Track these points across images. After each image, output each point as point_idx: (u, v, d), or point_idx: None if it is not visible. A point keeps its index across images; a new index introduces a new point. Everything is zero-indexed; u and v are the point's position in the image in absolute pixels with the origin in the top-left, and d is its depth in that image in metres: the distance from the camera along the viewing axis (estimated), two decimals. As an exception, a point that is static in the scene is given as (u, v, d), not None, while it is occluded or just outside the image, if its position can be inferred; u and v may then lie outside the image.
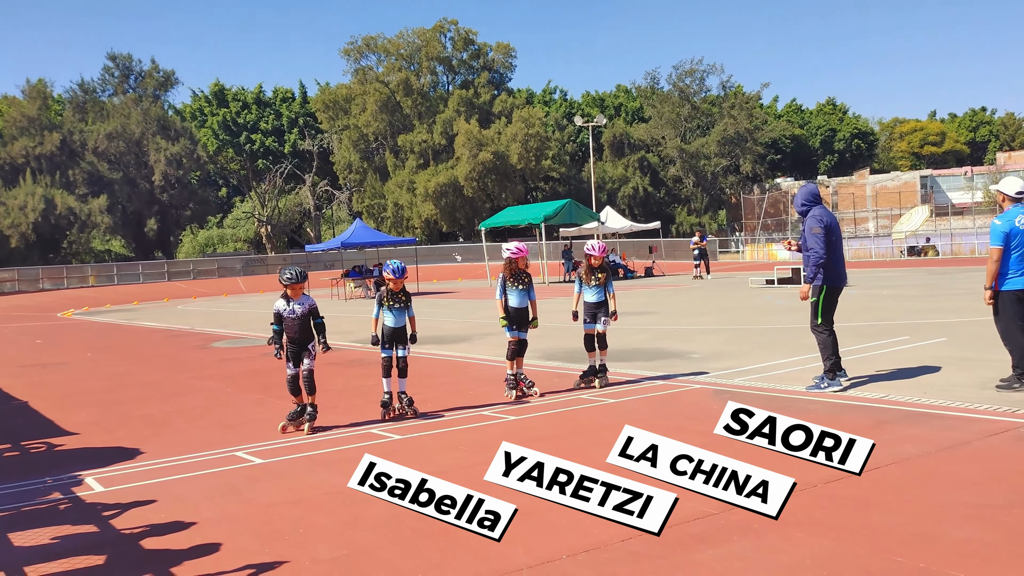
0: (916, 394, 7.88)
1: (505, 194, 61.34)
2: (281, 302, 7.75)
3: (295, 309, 7.70)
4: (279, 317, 7.74)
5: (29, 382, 12.82)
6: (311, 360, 7.81)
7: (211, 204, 74.08)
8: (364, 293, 35.21)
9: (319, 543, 4.71)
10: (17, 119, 61.88)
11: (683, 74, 69.46)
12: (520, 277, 8.86)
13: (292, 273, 7.76)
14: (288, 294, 7.73)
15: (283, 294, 7.78)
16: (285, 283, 7.72)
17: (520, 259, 8.88)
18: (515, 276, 8.86)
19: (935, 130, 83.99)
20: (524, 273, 8.92)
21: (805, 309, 8.86)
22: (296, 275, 7.76)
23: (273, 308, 7.81)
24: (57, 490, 6.21)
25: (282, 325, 7.74)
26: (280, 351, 7.78)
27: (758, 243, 61.56)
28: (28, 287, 50.96)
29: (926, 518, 4.58)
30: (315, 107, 69.84)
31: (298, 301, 7.73)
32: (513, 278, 8.86)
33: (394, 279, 8.11)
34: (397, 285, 8.16)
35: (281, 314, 7.72)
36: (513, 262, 8.86)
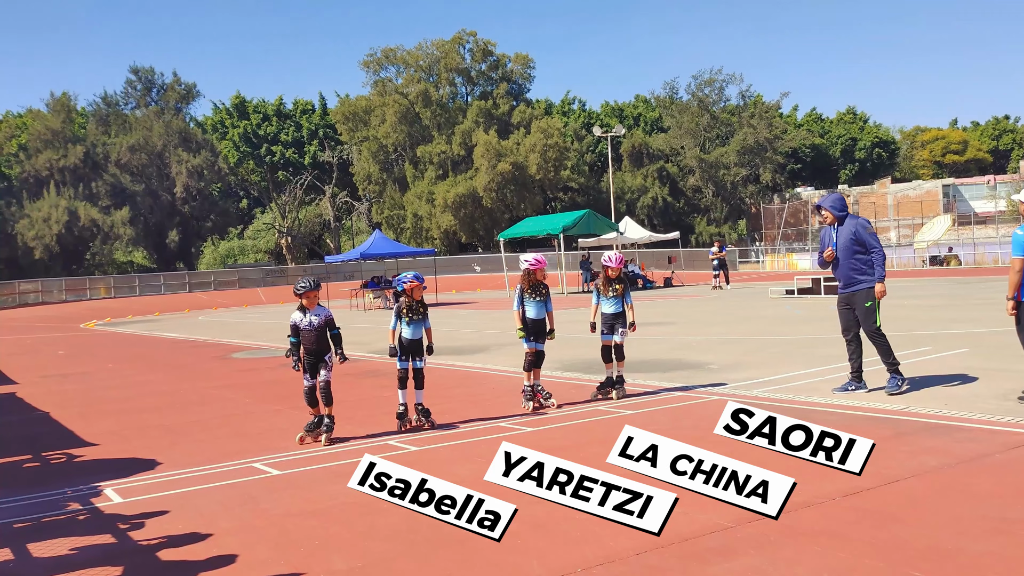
0: (937, 405, 7.80)
1: (524, 204, 61.39)
2: (297, 314, 7.76)
3: (312, 321, 7.70)
4: (296, 329, 7.75)
5: (50, 392, 12.93)
6: (328, 371, 7.81)
7: (232, 215, 74.60)
8: (383, 304, 35.31)
9: (334, 554, 4.72)
10: (42, 132, 62.63)
11: (702, 84, 69.35)
12: (538, 288, 8.85)
13: (306, 282, 7.78)
14: (303, 304, 7.73)
15: (299, 305, 7.79)
16: (299, 292, 7.73)
17: (538, 271, 8.87)
18: (533, 288, 8.85)
19: (957, 138, 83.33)
20: (542, 284, 8.91)
21: (824, 320, 8.82)
22: (310, 283, 7.78)
23: (290, 320, 7.82)
24: (76, 501, 6.25)
25: (299, 337, 7.75)
26: (298, 363, 7.78)
27: (778, 253, 61.26)
28: (51, 298, 51.48)
29: (945, 531, 4.53)
30: (335, 119, 70.23)
31: (314, 312, 7.73)
32: (531, 289, 8.84)
33: (416, 284, 8.11)
34: (418, 293, 8.14)
35: (298, 326, 7.73)
36: (531, 273, 8.84)
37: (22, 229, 57.73)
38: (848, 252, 8.69)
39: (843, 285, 8.86)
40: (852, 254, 8.67)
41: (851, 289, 8.78)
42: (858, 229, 8.67)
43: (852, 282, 8.74)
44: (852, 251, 8.66)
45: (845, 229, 8.74)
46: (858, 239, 8.64)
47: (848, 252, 8.69)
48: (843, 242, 8.73)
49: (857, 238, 8.65)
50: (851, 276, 8.73)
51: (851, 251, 8.67)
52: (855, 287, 8.73)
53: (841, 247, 8.75)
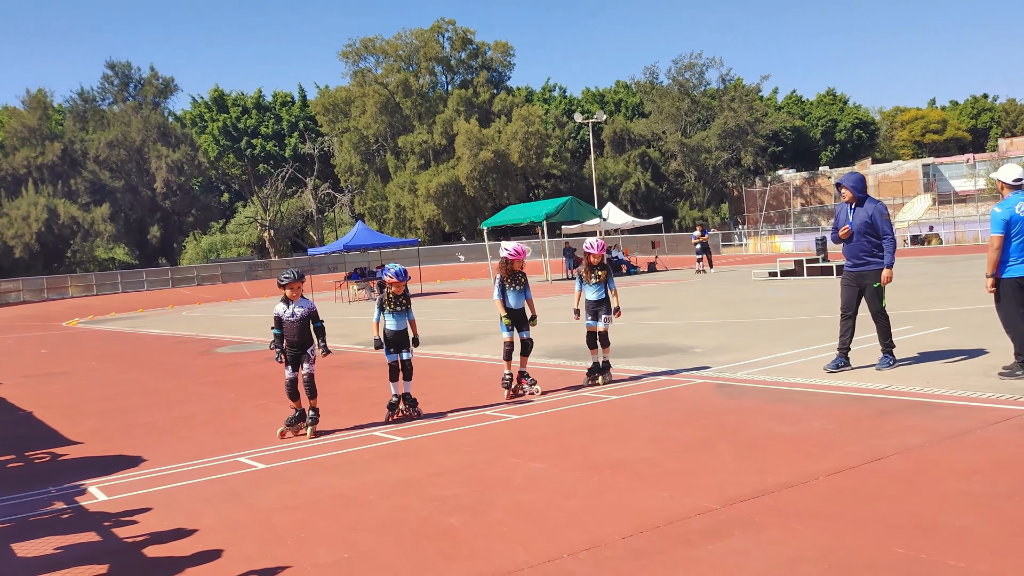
0: (919, 384, 7.86)
1: (507, 193, 61.31)
2: (281, 305, 7.74)
3: (295, 312, 7.68)
4: (279, 321, 7.73)
5: (34, 392, 12.84)
6: (311, 364, 7.80)
7: (213, 210, 74.13)
8: (367, 295, 35.22)
9: (320, 547, 4.71)
10: (18, 129, 62.00)
11: (682, 68, 69.34)
12: (517, 278, 8.84)
13: (290, 273, 7.77)
14: (287, 295, 7.71)
15: (283, 297, 7.76)
16: (283, 283, 7.71)
17: (516, 261, 8.83)
18: (512, 277, 8.83)
19: (936, 118, 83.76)
20: (520, 273, 8.90)
21: (807, 301, 8.88)
22: (294, 275, 7.77)
23: (273, 312, 7.80)
24: (60, 500, 6.22)
25: (282, 328, 7.73)
26: (282, 354, 7.75)
27: (761, 236, 61.51)
28: (33, 297, 51.07)
29: (927, 508, 4.57)
30: (315, 110, 69.84)
31: (298, 303, 7.71)
32: (511, 279, 8.83)
33: (396, 282, 8.07)
34: (399, 288, 8.12)
35: (281, 317, 7.71)
36: (509, 263, 8.82)
37: (1, 228, 57.20)
38: (862, 232, 8.85)
39: (852, 264, 9.00)
40: (865, 235, 8.83)
41: (860, 269, 8.93)
42: (875, 214, 8.83)
43: (863, 262, 8.89)
44: (865, 232, 8.83)
45: (863, 210, 8.89)
46: (873, 223, 8.80)
47: (862, 232, 8.85)
48: (858, 222, 8.88)
49: (872, 222, 8.81)
50: (862, 256, 8.89)
51: (864, 232, 8.84)
52: (865, 267, 8.89)
53: (856, 227, 8.89)
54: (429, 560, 4.40)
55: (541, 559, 4.25)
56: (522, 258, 8.88)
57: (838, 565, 3.90)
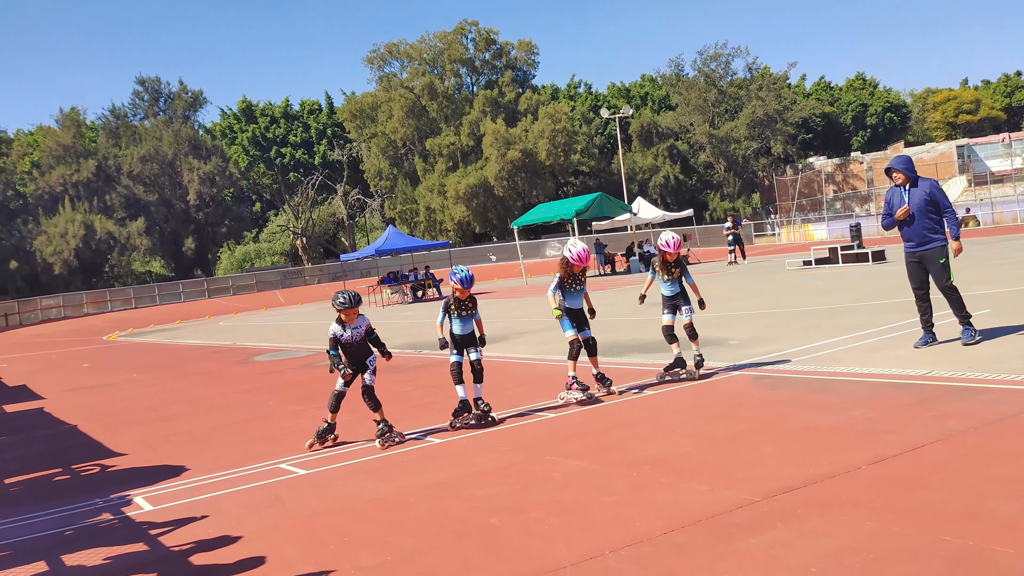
0: (960, 368, 7.74)
1: (536, 191, 61.30)
2: (337, 327, 7.41)
3: (353, 334, 7.42)
4: (336, 342, 7.43)
5: (77, 405, 13.06)
6: (371, 375, 7.51)
7: (246, 220, 74.98)
8: (401, 299, 35.40)
9: (362, 550, 4.75)
10: (53, 148, 63.15)
11: (708, 59, 68.90)
12: (578, 278, 8.52)
13: (345, 298, 7.41)
14: (343, 319, 7.41)
15: (338, 318, 7.45)
16: (339, 308, 7.38)
17: (577, 266, 8.44)
18: (572, 278, 8.50)
19: (969, 98, 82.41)
20: (582, 273, 8.56)
21: (843, 289, 8.79)
22: (349, 299, 7.40)
23: (329, 333, 7.44)
24: (107, 510, 6.32)
25: (338, 350, 7.46)
26: (348, 370, 7.41)
27: (794, 224, 60.93)
28: (73, 312, 51.93)
29: (972, 495, 4.50)
30: (342, 117, 70.28)
31: (353, 325, 7.43)
32: (571, 279, 8.50)
33: (461, 288, 7.87)
34: (464, 295, 7.92)
35: (339, 339, 7.43)
36: (571, 266, 8.45)
37: (40, 246, 58.28)
38: (922, 212, 8.92)
39: (915, 244, 9.07)
40: (926, 214, 8.91)
41: (924, 247, 8.99)
42: (933, 191, 8.93)
43: (926, 240, 8.97)
44: (926, 211, 8.90)
45: (919, 190, 8.96)
46: (932, 199, 8.88)
47: (922, 212, 8.92)
48: (917, 202, 8.94)
49: (932, 198, 8.89)
50: (924, 235, 8.96)
51: (925, 211, 8.91)
52: (928, 245, 8.96)
53: (915, 206, 8.94)
54: (471, 561, 4.41)
55: (583, 557, 4.25)
56: (584, 264, 8.48)
57: (883, 555, 3.86)
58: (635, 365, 10.14)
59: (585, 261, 8.44)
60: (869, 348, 9.50)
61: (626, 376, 9.38)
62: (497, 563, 4.33)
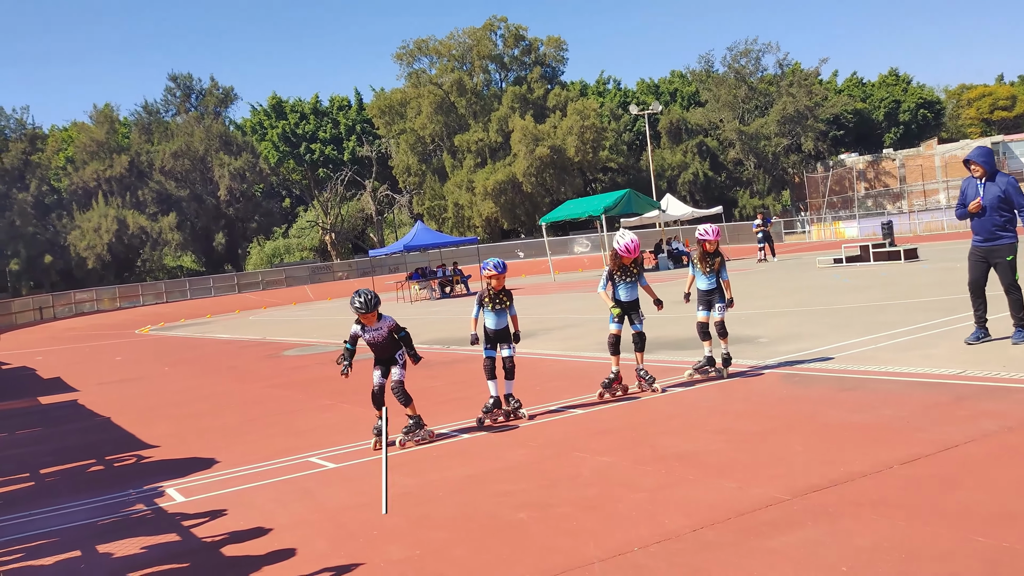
0: (995, 368, 7.64)
1: (564, 188, 61.22)
2: (357, 327, 7.21)
3: (374, 335, 7.22)
4: (355, 339, 7.28)
5: (110, 398, 13.23)
6: (401, 369, 7.30)
7: (276, 215, 75.53)
8: (429, 295, 35.49)
9: (391, 544, 4.77)
10: (87, 144, 64.02)
11: (738, 55, 68.38)
12: (628, 270, 8.32)
13: (360, 302, 7.05)
14: (363, 322, 7.21)
15: (357, 319, 7.26)
16: (355, 311, 7.15)
17: (626, 257, 8.25)
18: (623, 270, 8.32)
19: (1005, 94, 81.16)
20: (635, 264, 8.35)
21: (874, 288, 8.70)
22: (365, 303, 7.04)
23: (351, 331, 7.27)
24: (140, 501, 6.41)
25: (355, 345, 7.31)
26: (348, 368, 7.21)
27: (824, 222, 60.36)
28: (106, 306, 52.62)
29: (1007, 495, 4.45)
30: (371, 113, 70.56)
31: (374, 327, 7.17)
32: (621, 272, 8.33)
33: (496, 275, 7.67)
34: (499, 283, 7.70)
35: (359, 336, 7.26)
36: (620, 258, 8.28)
37: (74, 240, 59.12)
38: (994, 207, 8.80)
39: (983, 239, 8.96)
40: (997, 210, 8.79)
41: (992, 244, 8.88)
42: (1008, 188, 8.79)
43: (994, 237, 8.86)
44: (998, 207, 8.78)
45: (995, 185, 8.83)
46: (1007, 197, 8.76)
47: (994, 207, 8.80)
48: (990, 197, 8.81)
49: (1006, 196, 8.76)
50: (993, 231, 8.85)
51: (997, 207, 8.79)
52: (996, 242, 8.85)
53: (988, 201, 8.82)
54: (499, 555, 4.42)
55: (611, 552, 4.25)
56: (633, 255, 8.27)
57: (915, 555, 3.82)
58: (664, 362, 10.10)
59: (634, 252, 8.24)
60: (901, 347, 9.40)
61: (655, 373, 9.33)
62: (525, 557, 4.34)
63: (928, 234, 44.98)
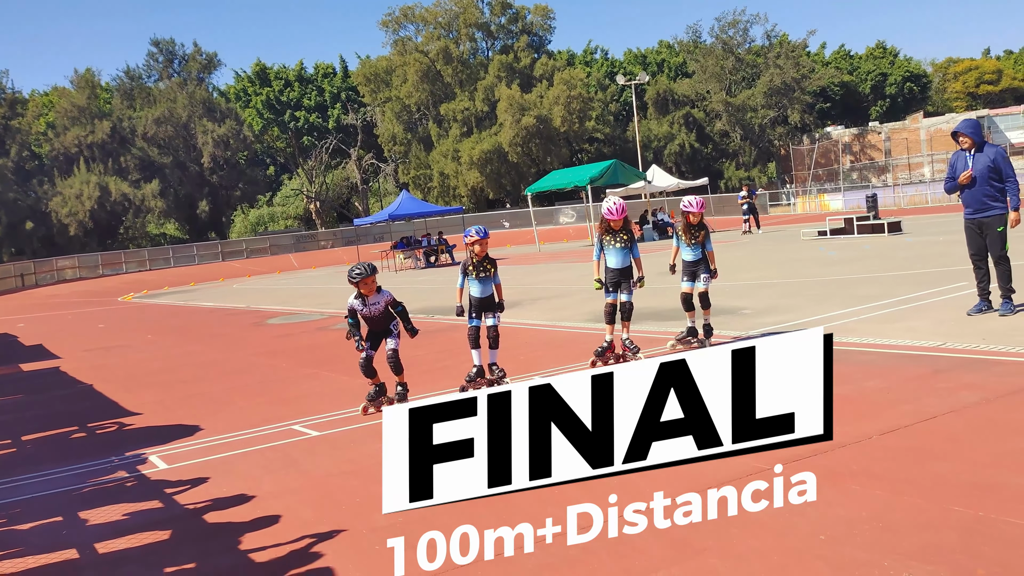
0: (975, 340, 7.71)
1: (550, 158, 61.00)
2: (355, 301, 7.28)
3: (372, 309, 7.28)
4: (354, 313, 7.32)
5: (93, 365, 13.18)
6: (396, 339, 7.40)
7: (260, 183, 74.92)
8: (414, 264, 35.44)
9: (375, 511, 4.79)
10: (68, 109, 63.14)
11: (726, 26, 68.03)
12: (618, 235, 8.27)
13: (361, 269, 7.20)
14: (361, 292, 7.28)
15: (356, 293, 7.28)
16: (355, 280, 7.19)
17: (612, 221, 8.24)
18: (612, 234, 8.28)
19: (991, 68, 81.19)
20: (623, 230, 8.32)
21: (858, 260, 8.74)
22: (365, 270, 7.20)
23: (348, 304, 7.36)
24: (123, 468, 6.40)
25: (357, 319, 7.34)
26: (362, 342, 7.31)
27: (809, 195, 60.48)
28: (89, 273, 52.23)
29: (984, 466, 4.51)
30: (356, 81, 69.92)
31: (373, 300, 7.24)
32: (610, 236, 8.29)
33: (479, 239, 7.60)
34: (482, 248, 7.66)
35: (356, 311, 7.31)
36: (606, 222, 8.28)
37: (56, 207, 58.52)
38: (984, 178, 8.85)
39: (974, 210, 9.00)
40: (988, 181, 8.84)
41: (983, 215, 8.92)
42: (997, 158, 8.85)
43: (985, 207, 8.90)
44: (988, 178, 8.83)
45: (984, 156, 8.87)
46: (996, 167, 8.81)
47: (984, 178, 8.85)
48: (980, 168, 8.86)
49: (995, 166, 8.81)
50: (984, 202, 8.89)
51: (987, 178, 8.84)
52: (987, 212, 8.90)
53: (978, 172, 8.87)
54: (483, 520, 4.44)
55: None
56: (619, 218, 8.23)
57: (894, 525, 3.87)
58: (648, 332, 10.13)
59: (619, 215, 8.23)
60: (883, 319, 9.47)
61: (638, 343, 9.37)
62: (511, 519, 4.36)
63: (912, 207, 45.17)
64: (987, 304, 9.03)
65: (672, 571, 3.87)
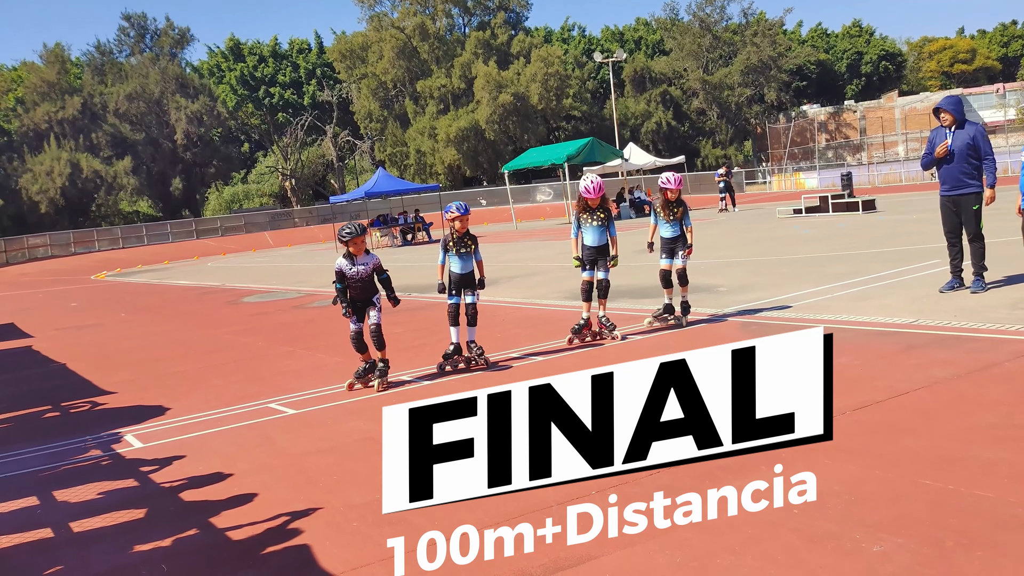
0: (947, 317, 7.81)
1: (527, 136, 60.82)
2: (343, 261, 7.31)
3: (359, 270, 7.31)
4: (342, 275, 7.34)
5: (66, 344, 13.06)
6: (378, 312, 7.44)
7: (234, 160, 74.20)
8: (390, 242, 35.31)
9: (352, 489, 4.80)
10: (38, 85, 62.08)
11: (703, 3, 67.98)
12: (595, 213, 8.32)
13: (352, 228, 7.32)
14: (350, 251, 7.30)
15: (345, 252, 7.33)
16: (345, 239, 7.25)
17: (589, 199, 8.31)
18: (589, 212, 8.34)
19: (965, 47, 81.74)
20: (601, 208, 8.36)
21: (832, 238, 8.81)
22: (356, 229, 7.32)
23: (335, 266, 7.39)
24: (97, 447, 6.36)
25: (345, 283, 7.37)
26: (348, 308, 7.35)
27: (785, 173, 60.76)
28: (60, 251, 51.61)
29: (954, 441, 4.58)
30: (332, 57, 69.25)
31: (361, 261, 7.31)
32: (587, 213, 8.34)
33: (460, 216, 7.65)
34: (463, 225, 7.70)
35: (344, 272, 7.33)
36: (583, 200, 8.35)
37: (26, 184, 57.67)
38: (962, 155, 8.84)
39: (950, 187, 9.00)
40: (965, 158, 8.83)
41: (959, 192, 8.93)
42: (976, 136, 8.84)
43: (961, 185, 8.91)
44: (966, 155, 8.83)
45: (964, 133, 8.86)
46: (974, 145, 8.80)
47: (962, 155, 8.84)
48: (959, 144, 8.85)
49: (975, 143, 8.81)
50: (960, 179, 8.90)
51: (965, 155, 8.83)
52: (963, 190, 8.90)
53: (957, 149, 8.87)
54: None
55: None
56: (595, 196, 8.30)
57: (865, 498, 3.93)
58: (625, 310, 10.17)
59: (596, 193, 8.29)
60: (856, 296, 9.56)
61: (615, 321, 9.41)
62: (486, 501, 4.38)
63: (886, 186, 45.48)
64: (959, 282, 9.09)
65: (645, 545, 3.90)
